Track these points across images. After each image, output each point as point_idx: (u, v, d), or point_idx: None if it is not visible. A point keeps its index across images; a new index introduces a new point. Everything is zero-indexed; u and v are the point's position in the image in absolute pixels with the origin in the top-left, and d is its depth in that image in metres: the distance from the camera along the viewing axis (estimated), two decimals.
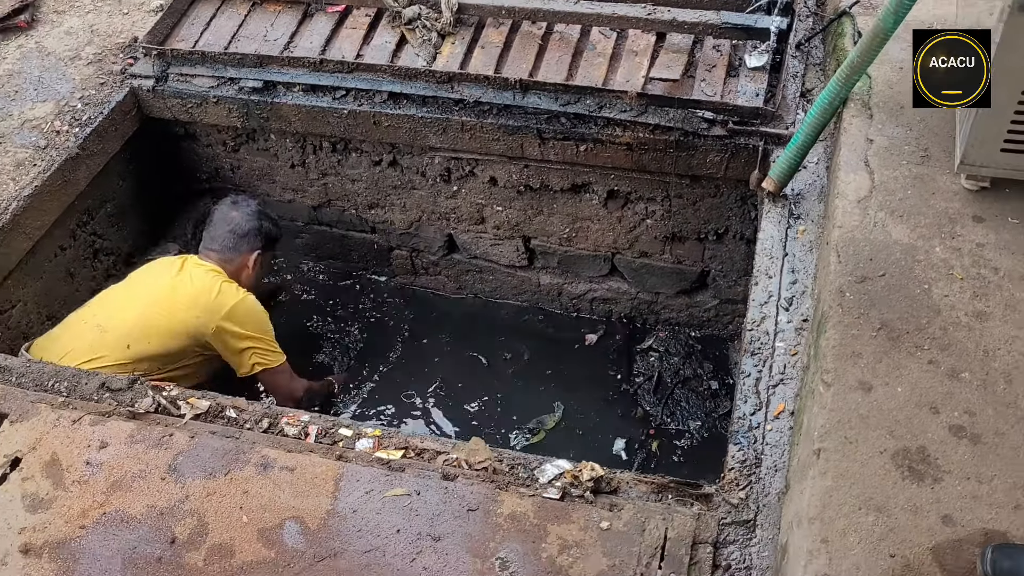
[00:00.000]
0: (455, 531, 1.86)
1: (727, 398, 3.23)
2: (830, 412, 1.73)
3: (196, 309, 2.71)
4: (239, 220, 2.94)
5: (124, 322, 2.68)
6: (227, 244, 2.91)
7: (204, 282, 2.78)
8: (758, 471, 1.93)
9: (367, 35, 3.09)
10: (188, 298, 2.73)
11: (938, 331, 1.83)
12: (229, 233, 2.92)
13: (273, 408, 2.15)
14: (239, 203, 3.01)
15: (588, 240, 3.24)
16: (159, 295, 2.74)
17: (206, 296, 2.74)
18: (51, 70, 3.16)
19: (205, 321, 2.71)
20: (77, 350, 2.62)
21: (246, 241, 2.93)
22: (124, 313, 2.70)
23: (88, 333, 2.67)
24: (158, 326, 2.69)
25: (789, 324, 2.19)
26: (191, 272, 2.81)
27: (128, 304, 2.74)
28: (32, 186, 2.80)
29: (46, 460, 2.05)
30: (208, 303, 2.73)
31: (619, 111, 2.75)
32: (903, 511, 1.58)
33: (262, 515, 1.92)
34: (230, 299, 2.76)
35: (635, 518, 1.85)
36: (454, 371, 3.38)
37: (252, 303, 2.81)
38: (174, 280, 2.78)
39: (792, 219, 2.43)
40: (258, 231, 2.96)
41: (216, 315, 2.72)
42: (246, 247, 2.93)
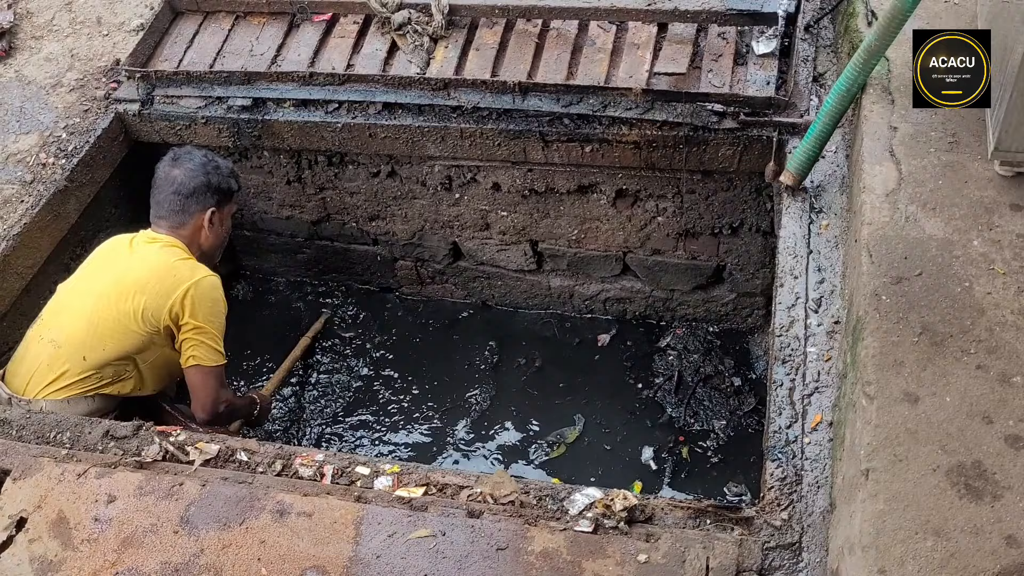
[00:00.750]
0: (485, 573, 1.77)
1: (751, 394, 3.14)
2: (876, 428, 1.63)
3: (143, 295, 2.43)
4: (182, 178, 2.59)
5: (75, 332, 2.45)
6: (174, 208, 2.58)
7: (155, 264, 2.49)
8: (799, 488, 1.84)
9: (356, 43, 2.98)
10: (135, 285, 2.44)
11: (984, 332, 1.73)
12: (174, 195, 2.58)
13: (285, 449, 2.06)
14: (180, 158, 2.64)
15: (598, 241, 3.14)
16: (106, 292, 2.46)
17: (156, 280, 2.44)
18: (33, 99, 3.05)
19: (158, 305, 2.42)
20: (39, 371, 2.45)
21: (194, 200, 2.59)
22: (74, 323, 2.46)
23: (44, 351, 2.46)
24: (107, 329, 2.44)
25: (820, 327, 2.09)
26: (141, 253, 2.53)
27: (76, 311, 2.48)
28: (21, 224, 2.70)
29: (52, 519, 1.96)
30: (158, 287, 2.43)
31: (624, 109, 2.64)
32: (963, 533, 1.48)
33: (281, 566, 1.83)
34: (185, 281, 2.44)
35: (674, 548, 1.75)
36: (466, 382, 3.28)
37: (209, 287, 2.49)
38: (121, 268, 2.50)
39: (814, 213, 2.32)
40: (206, 187, 2.60)
41: (168, 298, 2.42)
42: (196, 206, 2.59)
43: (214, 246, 2.69)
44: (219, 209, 2.66)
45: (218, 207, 2.65)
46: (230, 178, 2.71)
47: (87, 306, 2.48)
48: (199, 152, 2.69)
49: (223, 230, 2.72)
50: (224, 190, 2.67)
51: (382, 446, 3.12)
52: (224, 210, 2.69)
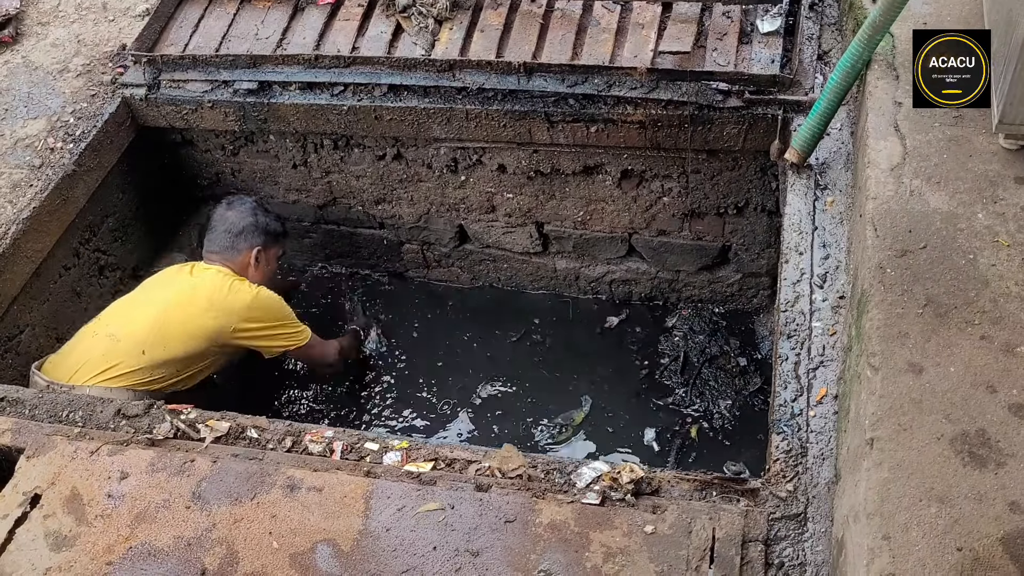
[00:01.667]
0: (494, 545, 1.79)
1: (757, 374, 3.15)
2: (880, 398, 1.64)
3: (213, 310, 2.69)
4: (234, 219, 2.89)
5: (138, 329, 2.63)
6: (225, 244, 2.87)
7: (216, 282, 2.75)
8: (805, 460, 1.85)
9: (361, 26, 2.98)
10: (204, 300, 2.70)
11: (988, 304, 1.74)
12: (225, 233, 2.88)
13: (295, 426, 2.08)
14: (233, 202, 2.97)
15: (604, 222, 3.15)
16: (173, 299, 2.70)
17: (220, 296, 2.71)
18: (40, 85, 3.06)
19: (224, 323, 2.69)
20: (91, 362, 2.57)
21: (243, 239, 2.88)
22: (137, 320, 2.66)
23: (100, 344, 2.61)
24: (174, 331, 2.65)
25: (825, 302, 2.10)
26: (201, 276, 2.78)
27: (141, 311, 2.69)
28: (30, 208, 2.72)
29: (66, 495, 1.98)
30: (223, 303, 2.70)
31: (629, 88, 2.64)
32: (967, 500, 1.50)
33: (293, 540, 1.85)
34: (245, 297, 2.74)
35: (680, 519, 1.77)
36: (473, 364, 3.30)
37: (266, 296, 2.80)
38: (186, 284, 2.75)
39: (819, 190, 2.32)
40: (254, 227, 2.90)
41: (234, 316, 2.70)
42: (245, 245, 2.88)
43: (258, 281, 2.88)
44: (265, 249, 2.92)
45: (264, 247, 2.92)
46: (276, 222, 3.01)
47: (153, 308, 2.69)
48: (251, 199, 3.05)
49: (269, 269, 2.98)
50: (271, 232, 2.96)
51: (388, 428, 3.14)
52: (270, 251, 2.96)
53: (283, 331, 2.82)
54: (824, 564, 1.71)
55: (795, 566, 1.71)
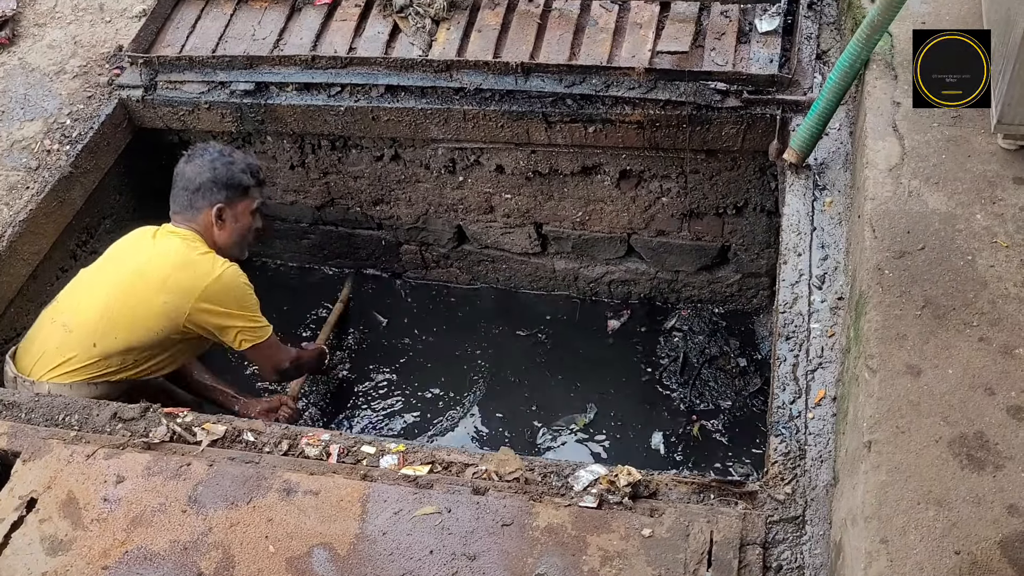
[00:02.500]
0: (491, 548, 1.78)
1: (756, 374, 3.14)
2: (878, 400, 1.63)
3: (165, 293, 2.44)
4: (190, 174, 2.60)
5: (89, 319, 2.45)
6: (184, 203, 2.59)
7: (176, 260, 2.49)
8: (803, 463, 1.84)
9: (358, 26, 2.98)
10: (157, 281, 2.46)
11: (987, 305, 1.73)
12: (183, 191, 2.59)
13: (291, 429, 2.08)
14: (193, 155, 2.65)
15: (602, 222, 3.14)
16: (125, 282, 2.48)
17: (176, 277, 2.46)
18: (36, 86, 3.06)
19: (177, 305, 2.45)
20: (47, 354, 2.46)
21: (201, 196, 2.57)
22: (89, 309, 2.47)
23: (55, 334, 2.47)
24: (123, 318, 2.44)
25: (823, 304, 2.09)
26: (162, 247, 2.53)
27: (93, 297, 2.49)
28: (27, 210, 2.71)
29: (62, 499, 1.98)
30: (179, 285, 2.45)
31: (627, 88, 2.63)
32: (965, 503, 1.49)
33: (289, 544, 1.84)
34: (203, 278, 2.46)
35: (678, 523, 1.76)
36: (472, 365, 3.29)
37: (229, 278, 2.50)
38: (143, 258, 2.52)
39: (817, 191, 2.32)
40: (212, 182, 2.57)
41: (190, 297, 2.45)
42: (204, 203, 2.57)
43: (228, 243, 2.64)
44: (229, 205, 2.61)
45: (228, 203, 2.60)
46: (243, 173, 2.64)
47: (103, 295, 2.48)
48: (216, 147, 2.68)
49: (239, 226, 2.65)
50: (233, 185, 2.61)
51: (386, 430, 3.13)
52: (236, 206, 2.63)
53: (242, 322, 2.53)
54: (822, 567, 1.70)
55: (793, 569, 1.71)
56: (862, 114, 2.20)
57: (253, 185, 2.68)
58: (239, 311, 2.53)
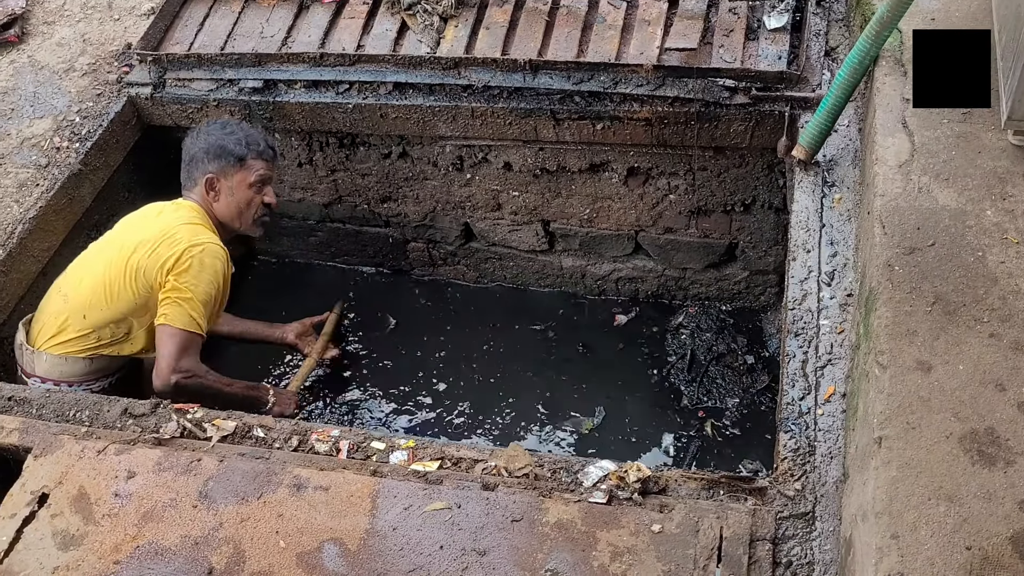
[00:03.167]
0: (501, 544, 1.78)
1: (764, 372, 3.14)
2: (888, 396, 1.63)
3: (138, 254, 2.41)
4: (188, 146, 2.59)
5: (83, 288, 2.46)
6: (184, 176, 2.60)
7: (162, 226, 2.46)
8: (812, 459, 1.84)
9: (366, 24, 2.98)
10: (145, 239, 2.42)
11: (997, 301, 1.72)
12: (184, 165, 2.60)
13: (301, 425, 2.08)
14: (196, 128, 2.65)
15: (610, 219, 3.14)
16: (118, 250, 2.46)
17: (154, 242, 2.41)
18: (46, 84, 3.07)
19: (150, 264, 2.39)
20: (48, 323, 2.49)
21: (196, 166, 2.55)
22: (84, 279, 2.47)
23: (56, 303, 2.49)
24: (115, 286, 2.42)
25: (832, 300, 2.09)
26: (161, 218, 2.51)
27: (91, 269, 2.49)
28: (37, 207, 2.73)
29: (74, 494, 1.98)
30: (154, 247, 2.40)
31: (635, 86, 2.63)
32: (976, 499, 1.49)
33: (299, 539, 1.85)
34: (184, 241, 2.40)
35: (688, 518, 1.77)
36: (480, 363, 3.29)
37: (207, 253, 2.41)
38: (138, 229, 2.51)
39: (827, 187, 2.31)
40: (205, 151, 2.52)
41: (161, 259, 2.39)
42: (197, 172, 2.55)
43: (225, 214, 2.58)
44: (222, 175, 2.55)
45: (220, 173, 2.54)
46: (237, 144, 2.56)
47: (100, 268, 2.48)
48: (222, 120, 2.67)
49: (236, 200, 2.58)
50: (227, 154, 2.53)
51: (395, 427, 3.14)
52: (232, 177, 2.55)
53: (182, 296, 2.37)
54: (832, 563, 1.70)
55: (803, 565, 1.71)
56: (871, 110, 2.20)
57: (250, 156, 2.58)
58: (188, 287, 2.38)
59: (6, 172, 2.81)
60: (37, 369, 2.49)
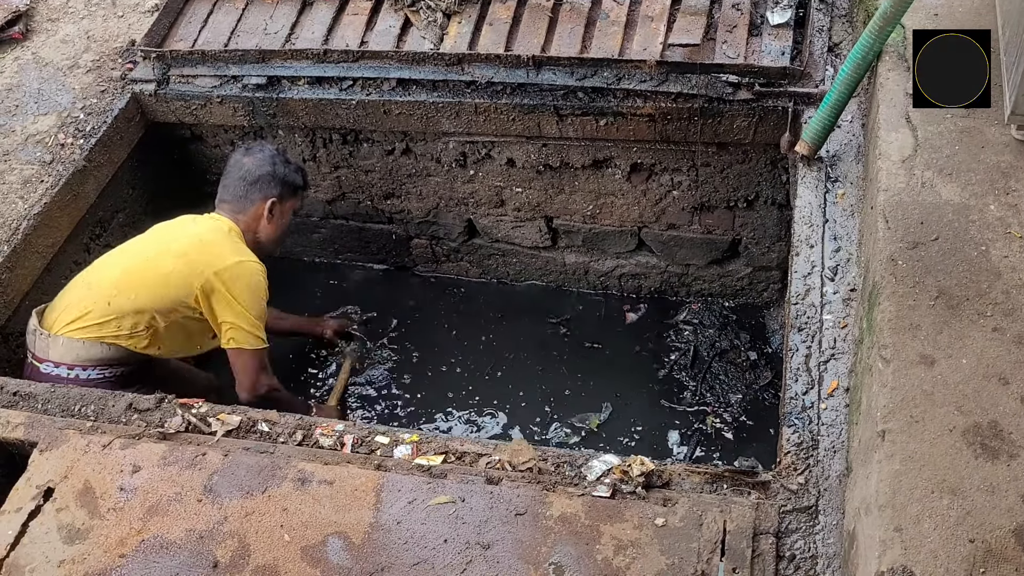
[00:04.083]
0: (504, 537, 1.79)
1: (767, 368, 3.14)
2: (892, 390, 1.64)
3: (185, 258, 2.52)
4: (250, 166, 2.72)
5: (108, 276, 2.53)
6: (238, 193, 2.70)
7: (204, 237, 2.57)
8: (815, 453, 1.85)
9: (370, 20, 2.98)
10: (178, 250, 2.54)
11: (1000, 295, 1.73)
12: (240, 181, 2.70)
13: (305, 419, 2.09)
14: (252, 149, 2.79)
15: (613, 216, 3.14)
16: (147, 250, 2.58)
17: (197, 251, 2.53)
18: (50, 81, 3.08)
19: (194, 271, 2.50)
20: (67, 309, 2.53)
21: (258, 188, 2.70)
22: (110, 269, 2.56)
23: (78, 291, 2.55)
24: (139, 279, 2.51)
25: (836, 295, 2.09)
26: (197, 228, 2.63)
27: (119, 260, 2.59)
28: (41, 203, 2.73)
29: (79, 488, 1.99)
30: (201, 257, 2.52)
31: (639, 81, 2.63)
32: (979, 492, 1.49)
33: (304, 532, 1.85)
34: (229, 258, 2.53)
35: (691, 512, 1.77)
36: (484, 359, 3.29)
37: (252, 271, 2.57)
38: (174, 235, 2.61)
39: (830, 183, 2.32)
40: (271, 176, 2.71)
41: (208, 268, 2.50)
42: (258, 195, 2.70)
43: (271, 238, 2.77)
44: (280, 201, 2.75)
45: (280, 199, 2.74)
46: (296, 173, 2.81)
47: (128, 258, 2.59)
48: (271, 146, 2.83)
49: (282, 223, 2.79)
50: (288, 183, 2.76)
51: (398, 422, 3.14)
52: (285, 203, 2.78)
53: (240, 320, 2.53)
54: (836, 556, 1.70)
55: (807, 558, 1.71)
56: (875, 106, 2.20)
57: (302, 187, 2.86)
58: (243, 307, 2.54)
59: (11, 168, 2.81)
60: (51, 353, 2.51)
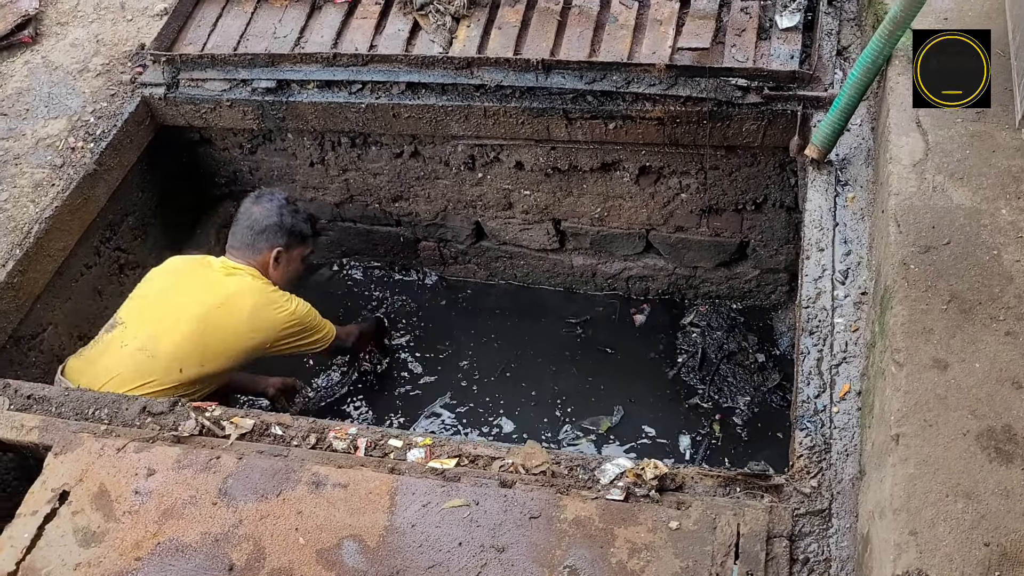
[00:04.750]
0: (519, 540, 1.80)
1: (775, 370, 3.15)
2: (905, 394, 1.64)
3: (254, 331, 2.67)
4: (257, 215, 2.80)
5: (174, 345, 2.57)
6: (246, 241, 2.78)
7: (256, 296, 2.69)
8: (828, 456, 1.86)
9: (379, 24, 2.99)
10: (246, 318, 2.65)
11: (1013, 299, 1.73)
12: (247, 229, 2.79)
13: (319, 423, 2.09)
14: (261, 197, 2.86)
15: (621, 218, 3.15)
16: (211, 315, 2.62)
17: (261, 314, 2.68)
18: (60, 85, 3.09)
19: (263, 340, 2.70)
20: (123, 376, 2.52)
21: (264, 238, 2.78)
22: (173, 336, 2.58)
23: (131, 359, 2.55)
24: (215, 350, 2.62)
25: (847, 298, 2.10)
26: (237, 283, 2.70)
27: (176, 325, 2.60)
28: (52, 207, 2.74)
29: (94, 492, 2.00)
30: (264, 322, 2.68)
31: (648, 85, 2.64)
32: (994, 496, 1.50)
33: (319, 536, 1.86)
34: (284, 315, 2.71)
35: (705, 515, 1.78)
36: (494, 362, 3.30)
37: (301, 311, 2.77)
38: (221, 292, 2.66)
39: (840, 186, 2.32)
40: (278, 226, 2.79)
41: (272, 333, 2.71)
42: (265, 244, 2.78)
43: (278, 281, 2.81)
44: (287, 250, 2.82)
45: (286, 248, 2.81)
46: (304, 223, 2.89)
47: (187, 325, 2.60)
48: (281, 195, 2.89)
49: (291, 270, 2.88)
50: (295, 233, 2.84)
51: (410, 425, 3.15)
52: (292, 252, 2.85)
53: (313, 337, 2.82)
54: (849, 559, 1.71)
55: (820, 561, 1.72)
56: (884, 110, 2.21)
57: (310, 235, 2.94)
58: (312, 331, 2.81)
59: (22, 172, 2.83)
60: None
